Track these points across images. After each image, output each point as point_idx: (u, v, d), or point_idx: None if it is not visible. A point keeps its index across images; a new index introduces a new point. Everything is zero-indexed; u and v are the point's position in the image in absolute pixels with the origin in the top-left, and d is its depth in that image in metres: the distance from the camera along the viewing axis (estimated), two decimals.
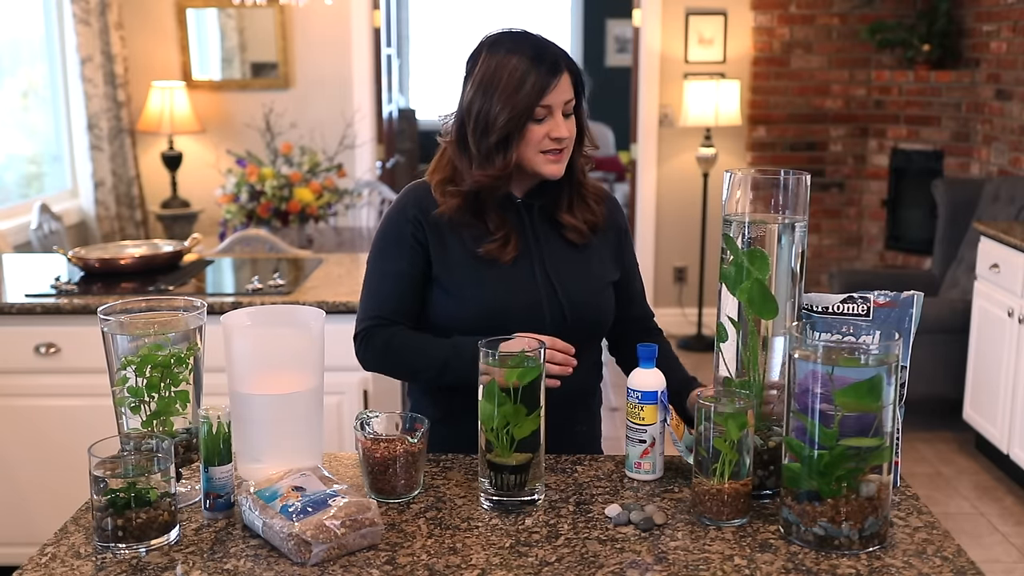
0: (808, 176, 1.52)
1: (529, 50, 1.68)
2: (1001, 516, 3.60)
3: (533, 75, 1.66)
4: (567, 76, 1.70)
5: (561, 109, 1.69)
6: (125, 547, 1.36)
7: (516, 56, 1.67)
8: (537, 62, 1.67)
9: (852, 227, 5.78)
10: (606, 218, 1.84)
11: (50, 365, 2.80)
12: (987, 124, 5.02)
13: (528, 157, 1.71)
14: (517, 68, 1.66)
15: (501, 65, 1.67)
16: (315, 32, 5.48)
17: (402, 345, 1.74)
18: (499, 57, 1.68)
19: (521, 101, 1.66)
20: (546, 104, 1.67)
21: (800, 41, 5.57)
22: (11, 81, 4.89)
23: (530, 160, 1.71)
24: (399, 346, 1.74)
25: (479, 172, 1.71)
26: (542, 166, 1.71)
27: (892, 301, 1.50)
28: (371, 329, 1.77)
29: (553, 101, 1.68)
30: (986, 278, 3.95)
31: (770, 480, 1.51)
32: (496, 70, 1.67)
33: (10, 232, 4.38)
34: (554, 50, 1.71)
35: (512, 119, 1.66)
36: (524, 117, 1.67)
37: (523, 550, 1.36)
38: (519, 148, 1.69)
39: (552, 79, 1.67)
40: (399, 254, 1.77)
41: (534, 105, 1.66)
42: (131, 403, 1.48)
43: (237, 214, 4.52)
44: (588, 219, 1.80)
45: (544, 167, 1.71)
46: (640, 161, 5.73)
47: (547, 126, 1.69)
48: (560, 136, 1.69)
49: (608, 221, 1.85)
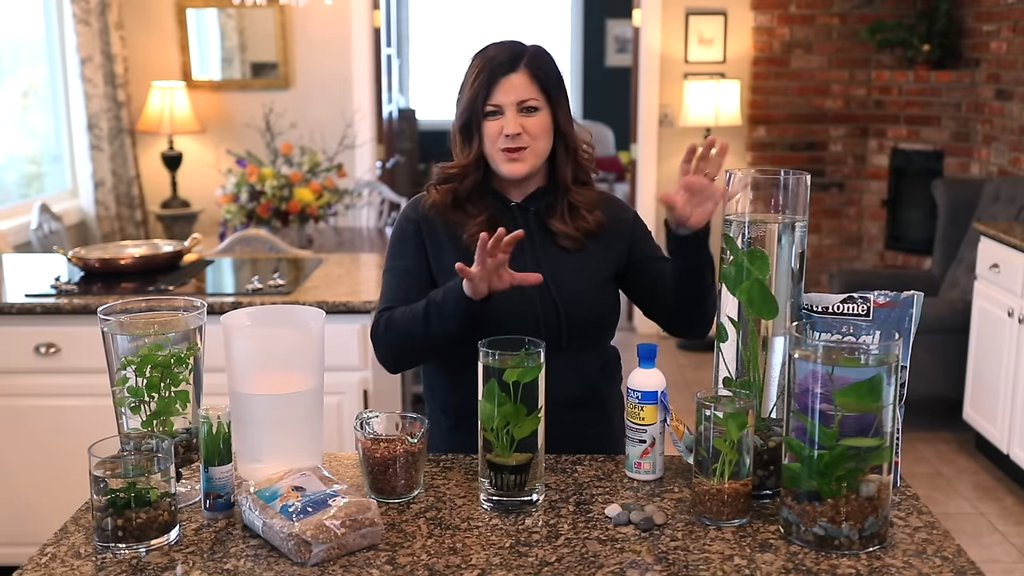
0: (808, 176, 1.52)
1: (493, 51, 1.76)
2: (1001, 516, 3.60)
3: (484, 73, 1.73)
4: (525, 75, 1.73)
5: (515, 107, 1.72)
6: (125, 547, 1.36)
7: (481, 56, 1.76)
8: (492, 61, 1.73)
9: (852, 227, 5.78)
10: (606, 221, 1.83)
11: (50, 365, 2.80)
12: (987, 124, 5.02)
13: (490, 154, 1.76)
14: (475, 67, 1.75)
15: (471, 66, 1.77)
16: (315, 32, 5.49)
17: (397, 316, 1.78)
18: (474, 59, 1.78)
19: (471, 97, 1.74)
20: (494, 103, 1.72)
21: (800, 41, 5.57)
22: (11, 81, 4.89)
23: (492, 157, 1.76)
24: (395, 318, 1.78)
25: (446, 163, 1.80)
26: (500, 164, 1.75)
27: (892, 301, 1.50)
28: (378, 321, 1.82)
29: (503, 99, 1.72)
30: (986, 278, 3.95)
31: (770, 480, 1.51)
32: (467, 71, 1.77)
33: (10, 232, 4.38)
34: (518, 50, 1.75)
35: (463, 112, 1.75)
36: (473, 112, 1.74)
37: (523, 550, 1.36)
38: (480, 144, 1.75)
39: (499, 76, 1.72)
40: (403, 252, 1.83)
41: (482, 101, 1.72)
42: (131, 403, 1.48)
43: (237, 214, 4.52)
44: (581, 226, 1.80)
45: (502, 165, 1.75)
46: (640, 161, 5.74)
47: (500, 122, 1.73)
48: (509, 132, 1.71)
49: (609, 222, 1.84)
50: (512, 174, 1.75)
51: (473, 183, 1.79)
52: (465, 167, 1.77)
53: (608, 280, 1.83)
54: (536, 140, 1.74)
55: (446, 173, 1.80)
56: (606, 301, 1.83)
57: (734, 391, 1.50)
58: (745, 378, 1.52)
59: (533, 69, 1.74)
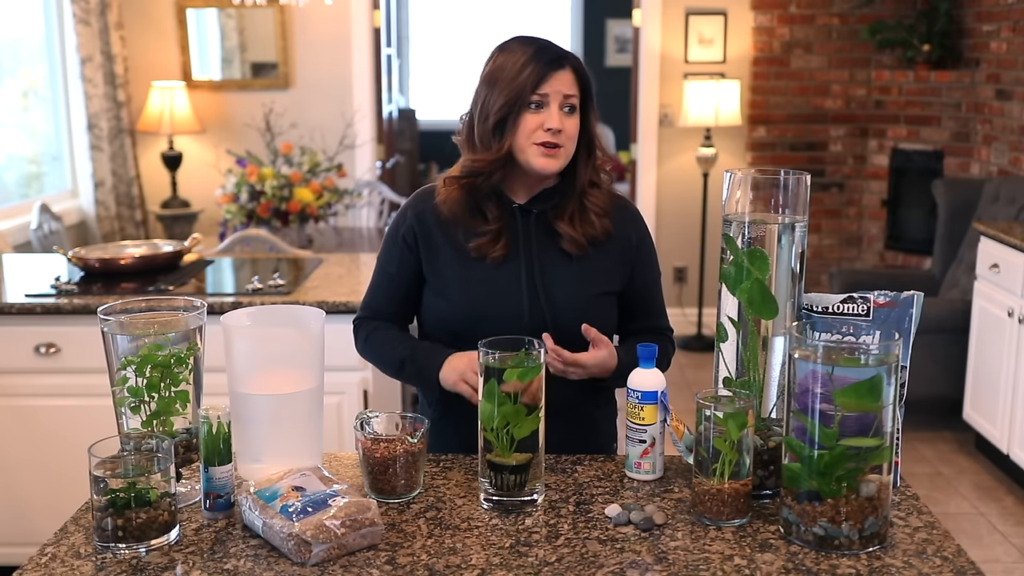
0: (808, 176, 1.52)
1: (534, 45, 1.73)
2: (1001, 516, 3.60)
3: (533, 64, 1.70)
4: (570, 73, 1.72)
5: (559, 102, 1.71)
6: (125, 547, 1.36)
7: (521, 50, 1.73)
8: (539, 54, 1.71)
9: (852, 227, 5.78)
10: (613, 230, 1.80)
11: (50, 365, 2.80)
12: (987, 124, 5.02)
13: (521, 147, 1.72)
14: (520, 59, 1.71)
15: (506, 58, 1.73)
16: (315, 32, 5.49)
17: (375, 342, 1.86)
18: (507, 53, 1.74)
19: (518, 86, 1.70)
20: (542, 92, 1.70)
21: (800, 41, 5.57)
22: (11, 81, 4.89)
23: (523, 151, 1.72)
24: (374, 341, 1.86)
25: (472, 157, 1.75)
26: (533, 158, 1.72)
27: (892, 301, 1.50)
28: (360, 321, 1.89)
29: (550, 90, 1.70)
30: (986, 278, 3.95)
31: (770, 480, 1.51)
32: (502, 63, 1.73)
33: (10, 232, 4.38)
34: (560, 50, 1.74)
35: (508, 103, 1.70)
36: (520, 102, 1.70)
37: (523, 550, 1.36)
38: (514, 136, 1.71)
39: (551, 69, 1.70)
40: (391, 256, 1.84)
41: (530, 90, 1.69)
42: (131, 403, 1.48)
43: (237, 214, 4.52)
44: (588, 232, 1.77)
45: (535, 159, 1.72)
46: (640, 161, 5.74)
47: (542, 116, 1.71)
48: (553, 127, 1.70)
49: (617, 232, 1.81)
50: (545, 169, 1.72)
51: (498, 180, 1.76)
52: (493, 162, 1.73)
53: (605, 294, 1.80)
54: (571, 141, 1.73)
55: (473, 167, 1.75)
56: (600, 315, 1.78)
57: (734, 391, 1.50)
58: (745, 378, 1.52)
59: (577, 71, 1.73)
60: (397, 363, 1.81)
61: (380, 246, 1.89)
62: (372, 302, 1.88)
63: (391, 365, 1.83)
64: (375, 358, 1.88)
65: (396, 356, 1.81)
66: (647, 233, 1.88)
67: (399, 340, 1.83)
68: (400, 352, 1.80)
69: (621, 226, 1.82)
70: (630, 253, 1.83)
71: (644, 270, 1.86)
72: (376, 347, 1.85)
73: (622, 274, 1.82)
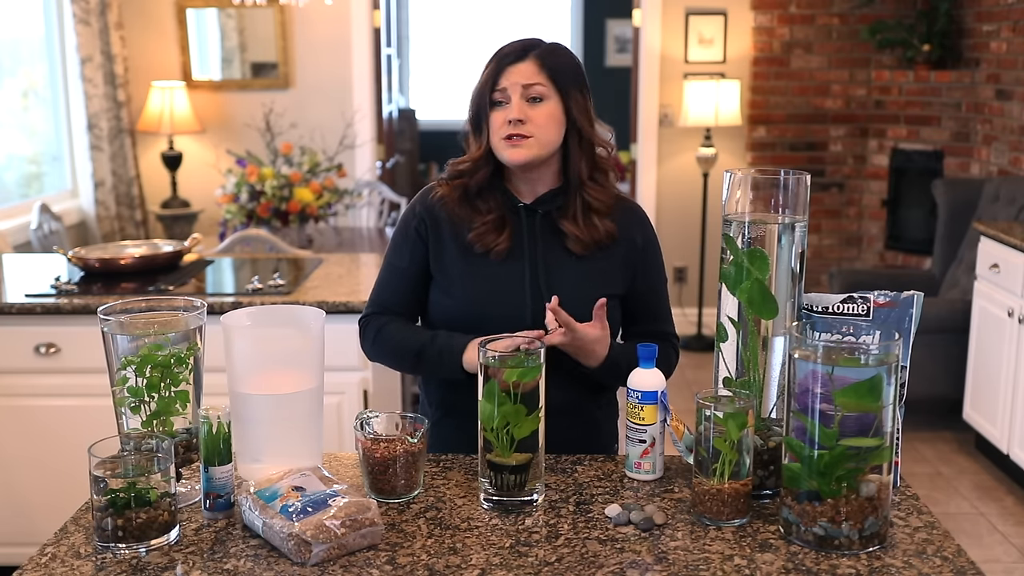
0: (808, 176, 1.52)
1: (505, 46, 1.76)
2: (1001, 516, 3.60)
3: (493, 63, 1.75)
4: (532, 64, 1.73)
5: (519, 93, 1.72)
6: (125, 547, 1.36)
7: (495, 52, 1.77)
8: (500, 52, 1.75)
9: (852, 227, 5.78)
10: (618, 232, 1.79)
11: (50, 365, 2.80)
12: (987, 124, 5.02)
13: (495, 144, 1.75)
14: (488, 62, 1.76)
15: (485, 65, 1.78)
16: (315, 32, 5.49)
17: (388, 334, 1.83)
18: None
19: (480, 87, 1.75)
20: (501, 87, 1.72)
21: (800, 41, 5.57)
22: (11, 81, 4.89)
23: (496, 147, 1.75)
24: (386, 335, 1.83)
25: (457, 159, 1.80)
26: (502, 151, 1.74)
27: (892, 301, 1.50)
28: (369, 318, 1.86)
29: (507, 83, 1.72)
30: (986, 278, 3.95)
31: (770, 480, 1.51)
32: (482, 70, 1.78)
33: (10, 232, 4.38)
34: (529, 43, 1.76)
35: (476, 105, 1.75)
36: (483, 102, 1.74)
37: (523, 550, 1.36)
38: (490, 137, 1.75)
39: (507, 63, 1.73)
40: (402, 250, 1.84)
41: (490, 88, 1.73)
42: (131, 403, 1.48)
43: (237, 214, 4.52)
44: (592, 233, 1.77)
45: (503, 151, 1.74)
46: (640, 161, 5.74)
47: (506, 110, 1.72)
48: (512, 117, 1.70)
49: (622, 235, 1.80)
50: (512, 159, 1.72)
51: (484, 178, 1.77)
52: (476, 161, 1.76)
53: (609, 296, 1.77)
54: (541, 129, 1.72)
55: (457, 168, 1.80)
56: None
57: (734, 391, 1.50)
58: (745, 378, 1.51)
59: (543, 59, 1.73)
60: (415, 351, 1.77)
61: (381, 246, 1.89)
62: (380, 298, 1.86)
63: (408, 353, 1.79)
64: (388, 350, 1.84)
65: (414, 344, 1.77)
66: (654, 238, 1.87)
67: (416, 330, 1.82)
68: (419, 340, 1.78)
69: (627, 228, 1.82)
70: (634, 255, 1.82)
71: (649, 273, 1.85)
72: (390, 339, 1.82)
73: (625, 276, 1.82)
